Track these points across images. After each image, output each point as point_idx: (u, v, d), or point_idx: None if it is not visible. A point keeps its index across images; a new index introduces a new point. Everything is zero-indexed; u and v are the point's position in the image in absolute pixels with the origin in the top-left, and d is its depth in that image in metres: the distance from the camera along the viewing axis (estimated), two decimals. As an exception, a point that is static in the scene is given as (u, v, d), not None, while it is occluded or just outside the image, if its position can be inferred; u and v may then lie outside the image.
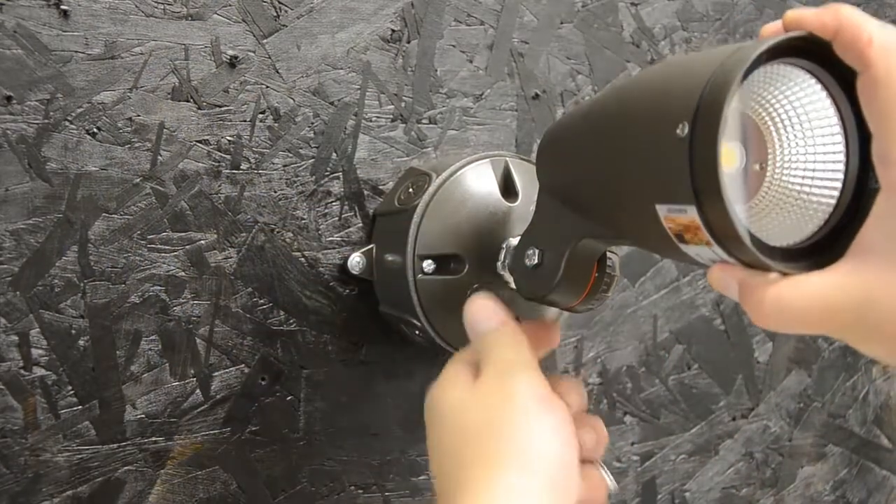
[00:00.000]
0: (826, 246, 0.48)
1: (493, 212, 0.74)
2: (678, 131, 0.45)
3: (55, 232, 0.69)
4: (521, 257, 0.67)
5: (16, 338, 0.68)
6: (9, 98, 0.67)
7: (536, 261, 0.65)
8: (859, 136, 0.47)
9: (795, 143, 0.49)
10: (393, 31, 0.81)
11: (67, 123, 0.69)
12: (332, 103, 0.79)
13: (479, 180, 0.75)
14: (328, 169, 0.79)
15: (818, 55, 0.46)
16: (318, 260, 0.79)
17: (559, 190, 0.63)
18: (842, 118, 0.48)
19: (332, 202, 0.79)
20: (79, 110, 0.69)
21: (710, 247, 0.47)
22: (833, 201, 0.48)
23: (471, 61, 0.85)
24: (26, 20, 0.67)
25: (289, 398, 0.79)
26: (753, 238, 0.46)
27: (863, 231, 0.45)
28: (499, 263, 0.73)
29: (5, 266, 0.68)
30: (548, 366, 0.90)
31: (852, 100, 0.47)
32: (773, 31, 0.48)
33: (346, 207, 0.80)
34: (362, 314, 0.81)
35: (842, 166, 0.48)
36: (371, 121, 0.80)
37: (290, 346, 0.78)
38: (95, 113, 0.70)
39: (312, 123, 0.78)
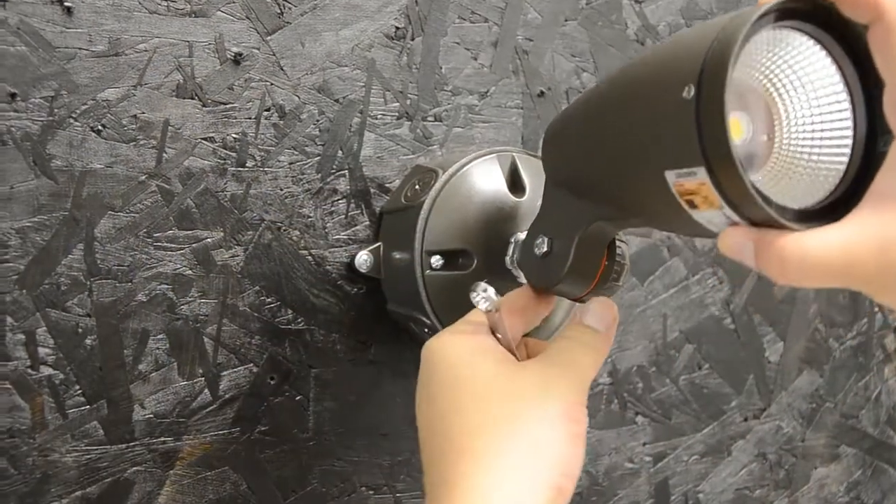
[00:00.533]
0: (837, 208, 0.48)
1: (500, 207, 0.73)
2: (684, 94, 0.45)
3: (61, 230, 0.69)
4: (530, 246, 0.67)
5: (22, 336, 0.68)
6: (13, 95, 0.67)
7: (546, 249, 0.65)
8: (865, 99, 0.47)
9: (801, 110, 0.49)
10: (397, 28, 0.81)
11: (72, 121, 0.69)
12: (337, 101, 0.78)
13: (486, 175, 0.74)
14: (334, 166, 0.78)
15: (820, 18, 0.47)
16: (326, 258, 0.79)
17: (566, 177, 0.63)
18: (846, 82, 0.48)
19: (339, 200, 0.79)
20: (83, 107, 0.69)
21: (722, 209, 0.46)
22: (843, 166, 0.48)
23: (475, 59, 0.85)
24: (30, 17, 0.67)
25: (298, 398, 0.78)
26: (765, 196, 0.46)
27: (877, 179, 0.45)
28: (507, 258, 0.72)
29: (11, 264, 0.67)
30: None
31: (856, 63, 0.47)
32: None
33: (352, 205, 0.79)
34: (370, 313, 0.81)
35: (849, 130, 0.48)
36: (376, 118, 0.80)
37: (298, 346, 0.78)
38: (100, 110, 0.70)
39: (318, 121, 0.78)
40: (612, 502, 0.94)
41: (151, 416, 0.73)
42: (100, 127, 0.70)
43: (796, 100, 0.49)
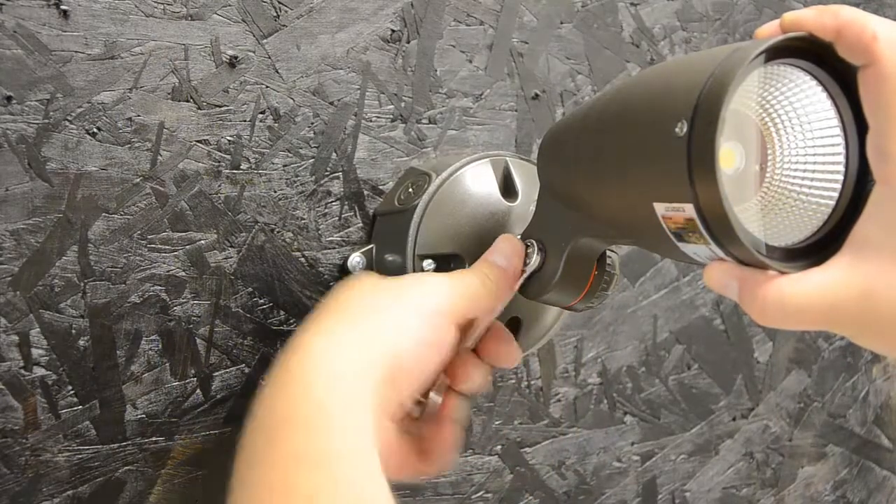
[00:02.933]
0: (825, 245, 0.48)
1: (493, 212, 0.74)
2: (677, 129, 0.45)
3: (55, 232, 0.69)
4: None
5: (16, 337, 0.68)
6: (9, 98, 0.67)
7: (535, 259, 0.65)
8: (858, 136, 0.47)
9: (795, 143, 0.49)
10: (393, 31, 0.81)
11: (67, 123, 0.69)
12: (331, 103, 0.79)
13: (479, 180, 0.75)
14: (328, 169, 0.79)
15: (817, 55, 0.46)
16: (318, 260, 0.79)
17: (559, 189, 0.63)
18: (841, 118, 0.48)
19: (332, 202, 0.79)
20: (79, 110, 0.69)
21: (708, 245, 0.47)
22: (832, 201, 0.48)
23: (470, 61, 0.85)
24: (26, 20, 0.67)
25: (289, 398, 0.79)
26: (752, 238, 0.46)
27: (859, 224, 0.45)
28: (499, 263, 0.73)
29: (5, 266, 0.68)
30: (548, 366, 0.91)
31: (851, 100, 0.47)
32: (769, 32, 0.48)
33: (345, 207, 0.80)
34: (362, 314, 0.81)
35: (841, 166, 0.48)
36: (371, 121, 0.80)
37: (290, 346, 0.78)
38: (95, 113, 0.70)
39: (312, 123, 0.78)
40: (600, 501, 0.95)
41: (143, 416, 0.73)
42: (95, 130, 0.70)
43: (791, 133, 0.49)
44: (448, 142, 0.84)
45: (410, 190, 0.77)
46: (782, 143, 0.49)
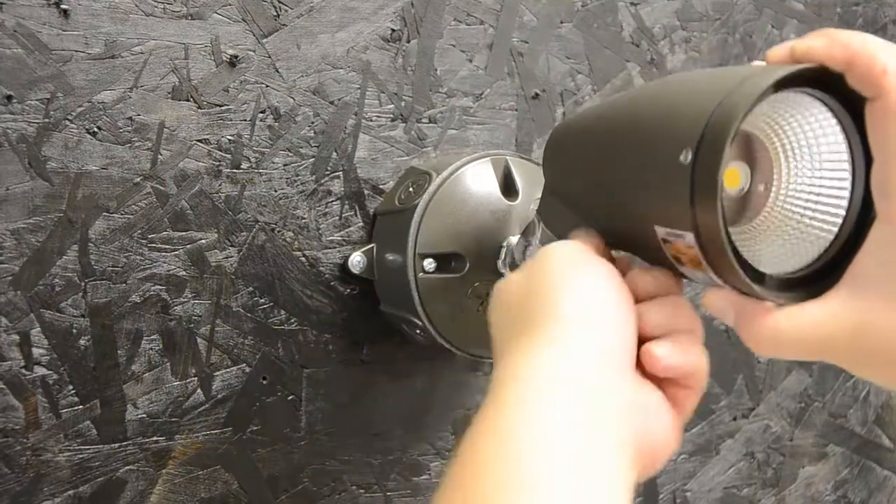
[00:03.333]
0: (823, 277, 0.47)
1: (493, 210, 0.74)
2: (682, 158, 0.44)
3: (56, 231, 0.69)
4: (522, 252, 0.67)
5: (17, 337, 0.68)
6: (9, 97, 0.67)
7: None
8: (866, 167, 0.46)
9: (802, 169, 0.48)
10: (393, 30, 0.81)
11: (68, 123, 0.69)
12: (332, 102, 0.79)
13: (479, 179, 0.75)
14: (328, 168, 0.79)
15: (828, 84, 0.45)
16: (319, 259, 0.79)
17: (563, 192, 0.63)
18: (850, 148, 0.47)
19: (333, 201, 0.79)
20: (79, 109, 0.69)
21: (706, 272, 0.46)
22: (833, 232, 0.47)
23: (470, 61, 0.85)
24: (26, 19, 0.67)
25: (290, 398, 0.79)
26: (750, 268, 0.46)
27: (858, 260, 0.45)
28: (499, 262, 0.73)
29: (6, 265, 0.68)
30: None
31: (861, 130, 0.46)
32: (779, 56, 0.47)
33: (346, 207, 0.80)
34: (363, 314, 0.81)
35: (846, 197, 0.47)
36: (371, 120, 0.80)
37: (290, 346, 0.78)
38: (96, 112, 0.70)
39: (312, 123, 0.78)
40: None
41: (144, 415, 0.73)
42: (95, 129, 0.70)
43: (799, 159, 0.47)
44: (448, 141, 0.84)
45: (411, 189, 0.77)
46: (789, 167, 0.48)
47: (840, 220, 0.47)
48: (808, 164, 0.48)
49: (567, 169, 0.60)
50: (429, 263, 0.73)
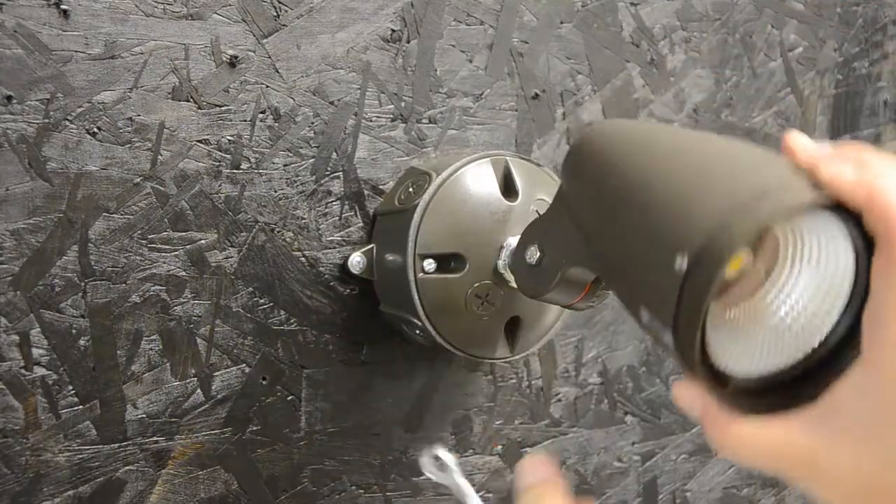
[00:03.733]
0: (793, 386, 0.46)
1: (493, 211, 0.74)
2: (676, 263, 0.43)
3: (56, 231, 0.69)
4: (522, 253, 0.67)
5: (16, 337, 0.68)
6: (9, 98, 0.67)
7: (537, 259, 0.65)
8: (864, 295, 0.45)
9: (804, 273, 0.46)
10: (393, 30, 0.81)
11: (68, 123, 0.69)
12: (332, 103, 0.79)
13: (479, 180, 0.75)
14: (328, 168, 0.79)
15: (846, 211, 0.43)
16: (319, 259, 0.79)
17: (572, 208, 0.61)
18: (856, 271, 0.45)
19: (333, 202, 0.79)
20: (79, 110, 0.69)
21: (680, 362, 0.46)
22: (812, 346, 0.46)
23: (470, 61, 0.85)
24: (26, 20, 0.67)
25: (290, 398, 0.79)
26: (722, 376, 0.46)
27: (836, 391, 0.44)
28: (499, 262, 0.73)
29: (6, 266, 0.68)
30: (548, 366, 0.91)
31: (870, 259, 0.44)
32: (797, 147, 0.45)
33: (346, 207, 0.80)
34: (363, 314, 0.81)
35: (836, 317, 0.46)
36: (371, 120, 0.80)
37: (290, 346, 0.78)
38: (96, 112, 0.70)
39: (312, 123, 0.78)
40: (601, 501, 0.95)
41: (144, 416, 0.73)
42: (95, 129, 0.70)
43: (804, 265, 0.46)
44: (448, 141, 0.84)
45: (411, 189, 0.77)
46: (792, 267, 0.47)
47: (822, 338, 0.46)
48: (812, 272, 0.46)
49: (580, 191, 0.58)
50: (429, 264, 0.73)
